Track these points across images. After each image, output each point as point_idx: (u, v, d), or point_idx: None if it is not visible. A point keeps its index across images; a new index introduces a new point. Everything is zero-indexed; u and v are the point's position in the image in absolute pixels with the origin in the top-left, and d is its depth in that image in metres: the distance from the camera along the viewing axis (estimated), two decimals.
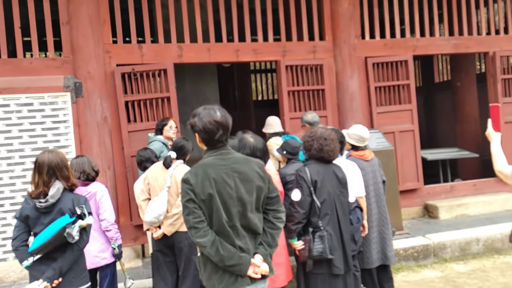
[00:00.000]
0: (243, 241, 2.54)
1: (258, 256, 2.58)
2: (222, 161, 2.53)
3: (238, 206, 2.52)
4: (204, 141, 2.57)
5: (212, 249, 2.47)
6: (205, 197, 2.47)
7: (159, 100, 6.09)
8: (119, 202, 5.93)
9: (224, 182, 2.50)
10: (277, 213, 2.67)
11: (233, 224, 2.52)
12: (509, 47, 7.49)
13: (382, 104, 6.95)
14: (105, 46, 5.92)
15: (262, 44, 6.54)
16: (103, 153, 5.77)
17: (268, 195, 2.64)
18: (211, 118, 2.51)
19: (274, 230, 2.65)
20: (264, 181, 2.60)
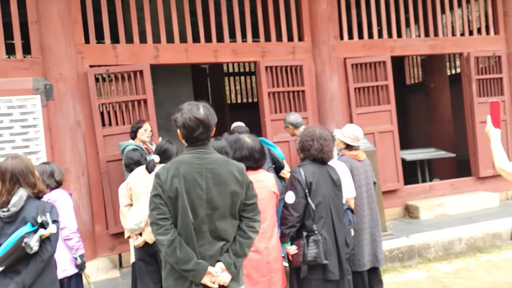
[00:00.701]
0: (207, 246, 2.42)
1: (219, 264, 2.44)
2: (198, 160, 2.44)
3: (207, 209, 2.40)
4: (184, 137, 2.49)
5: (169, 249, 2.37)
6: (173, 195, 2.38)
7: (135, 103, 5.85)
8: (94, 210, 5.64)
9: (195, 181, 2.40)
10: (251, 221, 2.52)
11: (199, 227, 2.40)
12: (483, 47, 7.61)
13: (361, 105, 6.92)
14: (77, 46, 5.64)
15: (241, 45, 6.39)
16: (76, 158, 5.48)
17: (245, 201, 2.50)
18: (192, 115, 2.42)
19: (245, 240, 2.50)
20: (241, 185, 2.47)
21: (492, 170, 7.54)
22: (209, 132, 2.47)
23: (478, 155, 7.49)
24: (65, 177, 5.27)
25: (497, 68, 7.68)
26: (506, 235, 6.05)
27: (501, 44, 7.72)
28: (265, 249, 3.23)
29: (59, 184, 3.80)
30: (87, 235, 5.48)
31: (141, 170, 4.06)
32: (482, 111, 7.52)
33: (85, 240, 5.40)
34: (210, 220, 2.41)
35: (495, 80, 7.69)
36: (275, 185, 3.40)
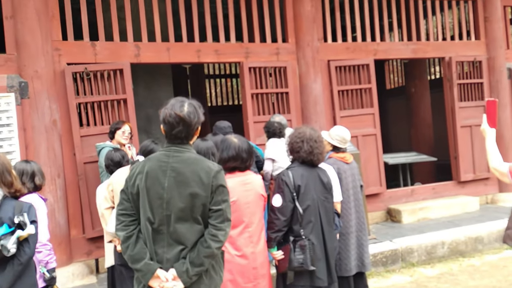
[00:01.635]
0: (165, 249, 2.34)
1: (172, 270, 2.33)
2: (166, 157, 2.37)
3: (167, 209, 2.32)
4: (165, 133, 2.42)
5: (124, 245, 2.36)
6: (135, 191, 2.37)
7: (114, 102, 5.66)
8: (70, 213, 5.42)
9: (157, 179, 2.34)
10: (214, 229, 2.34)
11: (158, 228, 2.34)
12: (464, 52, 7.67)
13: (345, 108, 6.88)
14: (54, 43, 5.43)
15: (224, 45, 6.27)
16: (52, 159, 5.25)
17: (210, 207, 2.35)
18: (174, 111, 2.34)
19: (203, 248, 2.32)
20: (205, 188, 2.32)
21: (472, 175, 7.61)
22: (189, 131, 2.38)
23: (459, 159, 7.53)
24: None
25: (478, 73, 7.76)
26: (488, 239, 6.08)
27: (481, 50, 7.80)
28: (252, 254, 3.13)
29: (38, 188, 3.53)
30: (62, 239, 5.27)
31: (124, 172, 3.89)
32: (463, 115, 7.58)
33: (60, 245, 5.22)
34: (169, 222, 2.32)
35: (476, 85, 7.76)
36: (263, 187, 3.29)
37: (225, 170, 3.17)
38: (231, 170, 3.18)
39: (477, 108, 7.70)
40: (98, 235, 5.31)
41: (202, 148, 3.74)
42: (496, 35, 7.77)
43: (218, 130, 5.19)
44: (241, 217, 3.09)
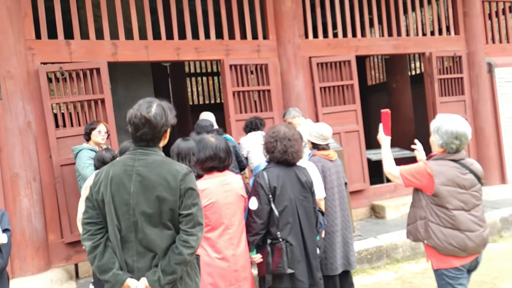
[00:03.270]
0: (135, 258, 2.25)
1: (143, 280, 2.24)
2: (132, 161, 2.27)
3: (134, 216, 2.22)
4: (130, 134, 2.32)
5: (90, 256, 2.26)
6: (100, 198, 2.27)
7: (91, 103, 5.50)
8: (47, 217, 5.26)
9: (122, 185, 2.24)
10: (185, 234, 2.25)
11: (126, 235, 2.24)
12: (444, 47, 7.70)
13: (327, 105, 6.83)
14: (27, 42, 5.25)
15: (204, 42, 6.16)
16: (27, 162, 5.08)
17: (180, 212, 2.25)
18: (139, 112, 2.25)
19: (174, 255, 2.23)
20: (173, 192, 2.23)
21: None
22: (155, 133, 2.28)
23: None
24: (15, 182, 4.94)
25: (458, 68, 7.79)
26: None
27: (461, 44, 7.84)
28: (233, 257, 3.05)
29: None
30: (39, 245, 5.11)
31: None
32: (444, 110, 7.58)
33: (37, 251, 5.07)
34: (137, 228, 2.23)
35: (456, 79, 7.79)
36: (243, 188, 3.20)
37: (203, 171, 3.09)
38: (209, 170, 3.09)
39: (458, 103, 7.74)
40: (77, 240, 5.16)
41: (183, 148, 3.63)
42: (475, 30, 7.81)
43: (200, 128, 5.06)
44: (220, 218, 3.00)
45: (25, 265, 5.02)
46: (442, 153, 3.02)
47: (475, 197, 3.00)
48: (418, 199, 3.08)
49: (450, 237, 2.92)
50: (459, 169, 2.97)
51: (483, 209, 3.08)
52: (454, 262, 2.96)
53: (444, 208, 2.94)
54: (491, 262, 5.42)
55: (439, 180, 2.91)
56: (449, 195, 2.92)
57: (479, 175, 3.03)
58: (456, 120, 2.96)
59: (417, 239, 3.09)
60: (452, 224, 2.93)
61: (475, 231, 2.95)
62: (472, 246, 2.94)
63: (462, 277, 2.99)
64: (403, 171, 3.07)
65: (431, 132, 3.05)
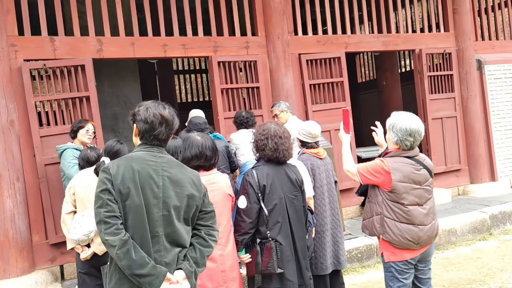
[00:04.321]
0: (162, 252, 2.18)
1: (180, 272, 2.19)
2: (152, 157, 2.24)
3: (164, 209, 2.18)
4: (141, 133, 2.27)
5: (121, 250, 2.06)
6: (125, 191, 2.12)
7: (76, 100, 5.38)
8: (31, 218, 5.13)
9: (150, 177, 2.18)
10: (210, 230, 2.35)
11: (154, 229, 2.16)
12: (434, 44, 7.67)
13: (317, 102, 6.76)
14: (10, 38, 5.11)
15: (192, 39, 6.06)
16: (10, 162, 4.95)
17: (202, 209, 2.33)
18: (158, 111, 2.27)
19: (205, 248, 2.30)
20: (199, 190, 2.30)
21: (444, 167, 7.63)
22: (170, 133, 2.31)
23: (430, 152, 7.54)
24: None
25: (448, 65, 7.77)
26: (461, 231, 6.09)
27: (451, 41, 7.82)
28: (220, 257, 2.99)
29: None
30: (23, 246, 4.99)
31: (87, 174, 3.65)
32: (434, 107, 7.59)
33: (21, 252, 4.96)
34: (166, 223, 2.18)
35: (446, 76, 7.77)
36: (230, 186, 3.13)
37: None
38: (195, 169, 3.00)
39: (448, 100, 7.73)
40: (62, 241, 5.04)
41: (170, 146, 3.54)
42: (464, 27, 7.80)
43: (193, 126, 4.95)
44: None
45: (8, 267, 4.90)
46: (397, 150, 3.10)
47: (428, 191, 3.11)
48: (374, 194, 3.15)
49: (404, 231, 3.01)
50: (414, 166, 3.05)
51: (434, 201, 3.19)
52: (405, 255, 3.06)
53: (400, 204, 3.02)
54: (481, 259, 5.41)
55: (395, 176, 2.99)
56: (405, 191, 3.00)
57: (431, 169, 3.14)
58: (409, 118, 3.05)
59: (373, 233, 3.17)
60: (407, 219, 3.02)
61: (427, 224, 3.07)
62: (425, 239, 3.06)
63: (409, 272, 3.11)
64: (360, 168, 3.15)
65: (387, 129, 3.12)
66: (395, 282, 3.10)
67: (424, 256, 3.16)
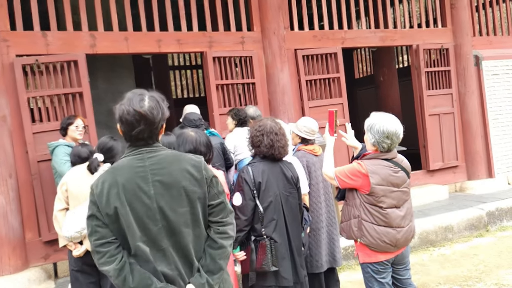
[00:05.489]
0: (171, 266, 1.99)
1: (190, 286, 2.01)
2: (140, 162, 1.99)
3: (162, 220, 1.97)
4: (122, 133, 2.02)
5: (118, 279, 1.93)
6: (112, 211, 1.93)
7: (69, 96, 5.32)
8: (24, 215, 5.08)
9: (139, 189, 1.95)
10: (220, 226, 2.08)
11: (155, 243, 1.97)
12: (431, 40, 7.61)
13: (313, 98, 6.71)
14: (1, 33, 5.05)
15: (186, 34, 5.99)
16: (2, 158, 4.90)
17: (209, 202, 2.06)
18: (132, 107, 1.95)
19: (215, 250, 2.05)
20: (199, 183, 2.02)
21: (441, 163, 7.60)
22: (152, 129, 2.00)
23: (427, 148, 7.50)
24: None
25: (445, 61, 7.72)
26: (458, 227, 6.07)
27: (448, 37, 7.76)
28: None
29: None
30: (16, 243, 4.94)
31: (80, 170, 3.60)
32: (431, 103, 7.54)
33: (14, 249, 4.91)
34: (168, 234, 1.98)
35: (443, 72, 7.72)
36: (225, 183, 3.09)
37: None
38: None
39: (445, 96, 7.68)
40: (55, 238, 4.95)
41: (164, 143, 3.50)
42: (462, 22, 7.74)
43: (188, 122, 4.89)
44: None
45: (1, 264, 4.85)
46: (375, 152, 3.05)
47: (405, 193, 3.08)
48: (352, 197, 3.11)
49: (383, 234, 2.98)
50: (392, 168, 3.01)
51: (411, 203, 3.16)
52: (380, 256, 3.04)
53: (378, 207, 2.98)
54: (477, 256, 5.38)
55: (374, 180, 2.95)
56: (383, 194, 2.99)
57: (408, 171, 3.11)
58: (388, 120, 3.00)
59: (350, 237, 3.14)
60: (385, 222, 2.99)
61: (405, 226, 3.05)
62: (402, 241, 3.03)
63: (386, 271, 3.09)
64: (338, 172, 3.10)
65: (365, 130, 3.07)
66: (374, 283, 3.09)
67: (400, 258, 3.13)
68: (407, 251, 3.19)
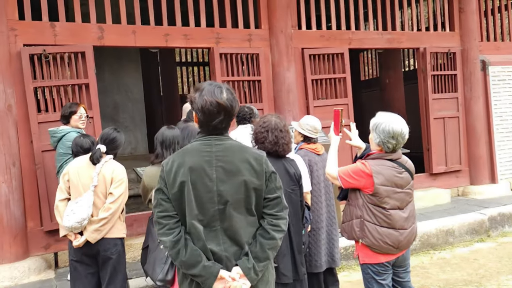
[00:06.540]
0: (221, 246, 2.12)
1: (236, 269, 2.13)
2: (208, 147, 2.13)
3: (218, 203, 2.11)
4: (200, 123, 2.17)
5: (172, 251, 2.10)
6: (177, 189, 2.10)
7: (75, 87, 5.33)
8: (26, 204, 5.10)
9: (203, 171, 2.10)
10: (274, 218, 2.19)
11: (210, 224, 2.11)
12: (439, 43, 7.60)
13: (318, 98, 6.71)
14: (10, 22, 5.06)
15: (194, 29, 6.00)
16: (6, 147, 4.91)
17: (266, 196, 2.18)
18: (214, 99, 2.10)
19: (266, 240, 2.16)
20: (258, 176, 2.15)
21: (444, 167, 7.58)
22: (230, 120, 2.17)
23: (431, 151, 7.48)
24: None
25: (452, 65, 7.70)
26: (459, 231, 6.06)
27: (456, 41, 7.74)
28: None
29: None
30: (18, 232, 4.95)
31: (82, 161, 3.61)
32: (437, 107, 7.52)
33: (15, 238, 4.93)
34: (222, 216, 2.11)
35: (450, 76, 7.70)
36: None
37: None
38: None
39: (451, 100, 7.66)
40: (57, 228, 4.96)
41: (168, 136, 3.51)
42: (470, 26, 7.72)
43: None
44: None
45: (2, 252, 4.87)
46: (379, 151, 3.02)
47: (409, 194, 3.05)
48: (354, 197, 3.07)
49: (385, 235, 2.94)
50: (396, 169, 2.98)
51: (414, 205, 3.13)
52: (380, 258, 3.01)
53: (381, 208, 2.95)
54: (478, 261, 5.37)
55: (378, 180, 2.92)
56: (387, 195, 2.95)
57: (412, 172, 3.08)
58: (394, 119, 2.97)
59: (351, 237, 3.11)
60: (388, 223, 2.96)
61: (408, 228, 3.02)
62: (404, 243, 3.01)
63: (386, 273, 3.05)
64: (341, 172, 3.06)
65: (370, 129, 3.04)
66: (374, 284, 3.05)
67: (401, 260, 3.11)
68: (408, 253, 3.17)
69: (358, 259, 3.15)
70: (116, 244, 3.53)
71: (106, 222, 3.45)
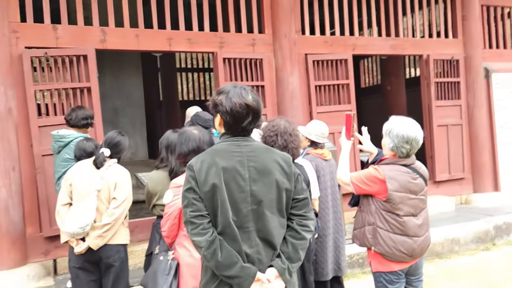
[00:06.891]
0: (254, 248, 2.08)
1: (271, 270, 2.10)
2: (237, 147, 2.12)
3: (252, 203, 2.08)
4: (227, 125, 2.13)
5: (208, 251, 2.03)
6: (209, 188, 2.05)
7: (77, 91, 5.25)
8: (26, 209, 4.99)
9: (236, 171, 2.07)
10: (303, 219, 2.18)
11: (243, 225, 2.08)
12: (442, 50, 7.57)
13: (322, 104, 6.65)
14: (12, 25, 4.98)
15: (197, 33, 5.93)
16: (6, 151, 4.82)
17: (294, 196, 2.17)
18: (242, 100, 2.08)
19: (297, 240, 2.15)
20: (288, 177, 2.14)
21: (447, 174, 7.52)
22: (257, 121, 2.16)
23: (434, 159, 7.42)
24: None
25: (455, 72, 7.66)
26: (464, 240, 5.99)
27: (459, 48, 7.72)
28: None
29: None
30: (17, 238, 4.85)
31: (85, 165, 3.53)
32: (440, 114, 7.48)
33: (14, 244, 4.82)
34: (255, 217, 2.08)
35: (453, 84, 7.66)
36: None
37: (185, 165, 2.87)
38: None
39: (454, 108, 7.62)
40: (57, 234, 4.89)
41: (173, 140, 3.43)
42: (473, 34, 7.70)
43: (201, 121, 4.81)
44: None
45: (0, 258, 4.76)
46: (393, 157, 2.95)
47: (422, 201, 2.97)
48: (367, 203, 2.98)
49: (399, 243, 2.86)
50: (410, 174, 2.91)
51: (427, 212, 3.06)
52: (394, 266, 2.93)
53: (395, 215, 2.87)
54: (483, 270, 5.30)
55: (392, 186, 2.84)
56: (400, 201, 2.86)
57: (426, 178, 3.01)
58: (408, 124, 2.89)
59: (363, 244, 3.02)
60: (402, 230, 2.88)
61: (421, 235, 2.95)
62: (418, 251, 2.93)
63: (399, 281, 2.97)
64: (353, 178, 2.98)
65: (383, 134, 2.97)
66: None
67: (414, 269, 3.03)
68: (421, 261, 3.08)
69: (371, 267, 3.06)
70: (119, 250, 3.44)
71: (109, 228, 3.36)
